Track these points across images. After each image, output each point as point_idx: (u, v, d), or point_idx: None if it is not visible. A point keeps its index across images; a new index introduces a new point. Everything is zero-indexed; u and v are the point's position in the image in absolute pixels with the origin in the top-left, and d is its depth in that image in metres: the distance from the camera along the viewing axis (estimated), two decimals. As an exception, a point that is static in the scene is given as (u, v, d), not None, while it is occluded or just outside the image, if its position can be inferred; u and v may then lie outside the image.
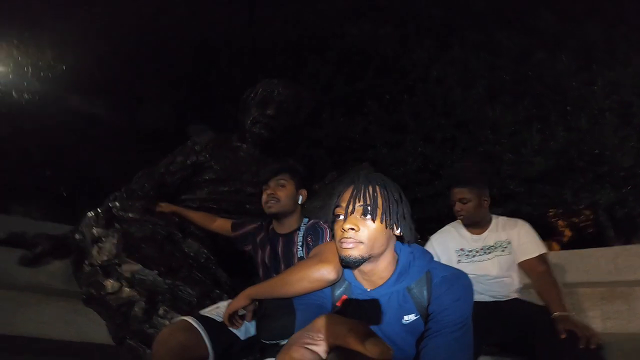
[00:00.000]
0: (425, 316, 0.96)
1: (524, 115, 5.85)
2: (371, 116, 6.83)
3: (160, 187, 2.50)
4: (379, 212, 0.94)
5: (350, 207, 0.95)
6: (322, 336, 0.45)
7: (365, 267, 0.98)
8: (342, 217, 0.96)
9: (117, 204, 1.88)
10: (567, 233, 12.25)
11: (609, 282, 3.04)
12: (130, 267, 1.53)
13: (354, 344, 0.42)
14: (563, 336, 1.36)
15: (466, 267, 1.80)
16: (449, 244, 1.94)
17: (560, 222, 11.31)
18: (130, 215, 1.78)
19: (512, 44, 6.26)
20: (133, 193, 2.42)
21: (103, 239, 1.64)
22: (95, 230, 1.70)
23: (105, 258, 1.57)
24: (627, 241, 6.61)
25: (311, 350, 0.44)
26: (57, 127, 7.20)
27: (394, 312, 0.97)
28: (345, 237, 0.94)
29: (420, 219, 6.03)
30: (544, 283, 1.67)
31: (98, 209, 1.84)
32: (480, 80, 6.32)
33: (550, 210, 7.89)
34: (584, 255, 3.42)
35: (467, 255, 1.88)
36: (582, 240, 10.40)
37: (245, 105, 2.76)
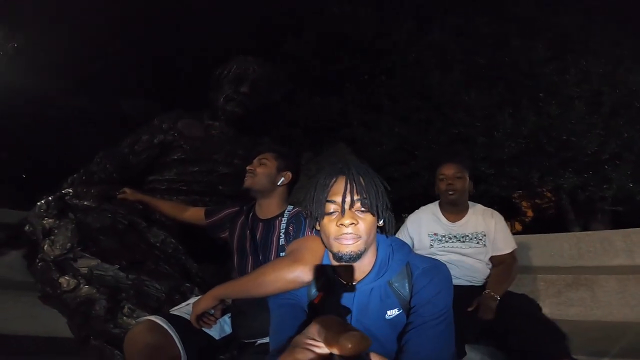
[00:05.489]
0: (408, 310, 0.92)
1: (498, 99, 5.96)
2: (348, 96, 6.74)
3: (123, 169, 2.31)
4: (374, 203, 0.89)
5: (348, 201, 0.88)
6: (319, 338, 0.42)
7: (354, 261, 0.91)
8: (336, 212, 0.89)
9: (71, 190, 1.67)
10: (530, 214, 12.91)
11: (572, 267, 3.17)
12: (87, 262, 1.37)
13: (330, 344, 0.40)
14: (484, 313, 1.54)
15: (438, 252, 1.82)
16: (422, 227, 1.90)
17: (524, 203, 11.87)
18: (85, 203, 1.60)
19: (490, 29, 6.28)
20: (93, 175, 2.22)
21: (55, 231, 1.46)
22: (45, 222, 1.51)
23: (58, 252, 1.40)
24: (586, 224, 7.02)
25: (315, 352, 0.42)
26: (13, 111, 6.60)
27: (376, 307, 0.92)
28: (345, 233, 0.87)
29: (396, 199, 6.14)
30: (500, 271, 1.77)
31: (49, 197, 1.64)
32: (457, 64, 6.34)
33: (516, 191, 8.22)
34: (548, 240, 3.55)
35: (440, 240, 1.85)
36: (543, 221, 10.99)
37: (217, 82, 2.58)
